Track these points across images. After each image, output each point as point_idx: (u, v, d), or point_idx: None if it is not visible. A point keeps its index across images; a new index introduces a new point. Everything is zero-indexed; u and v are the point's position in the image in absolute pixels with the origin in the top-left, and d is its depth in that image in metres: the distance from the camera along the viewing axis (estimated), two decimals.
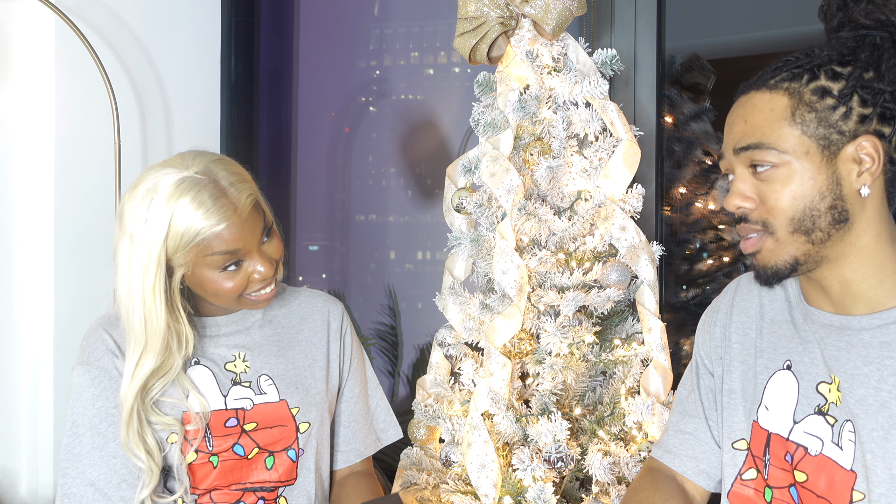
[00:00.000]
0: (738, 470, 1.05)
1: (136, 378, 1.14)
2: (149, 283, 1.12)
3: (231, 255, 1.13)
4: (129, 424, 1.14)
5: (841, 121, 0.90)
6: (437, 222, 2.51)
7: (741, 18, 2.61)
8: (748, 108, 0.96)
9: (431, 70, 2.61)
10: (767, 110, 0.93)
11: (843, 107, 0.90)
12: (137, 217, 1.11)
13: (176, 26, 2.22)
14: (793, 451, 0.97)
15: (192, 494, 1.20)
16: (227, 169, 1.15)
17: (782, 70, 0.94)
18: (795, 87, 0.92)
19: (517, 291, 1.41)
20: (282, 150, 2.70)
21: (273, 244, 1.19)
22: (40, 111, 1.89)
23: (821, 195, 0.91)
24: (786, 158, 0.92)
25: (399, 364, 2.61)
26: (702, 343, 1.17)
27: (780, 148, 0.92)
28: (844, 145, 0.91)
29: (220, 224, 1.10)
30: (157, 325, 1.13)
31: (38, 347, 1.89)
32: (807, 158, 0.91)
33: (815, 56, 0.93)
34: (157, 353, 1.14)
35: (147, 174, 1.14)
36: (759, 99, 0.94)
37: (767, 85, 0.94)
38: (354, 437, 1.36)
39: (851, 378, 0.93)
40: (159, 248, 1.10)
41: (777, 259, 0.95)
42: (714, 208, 2.64)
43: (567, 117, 1.53)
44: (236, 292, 1.16)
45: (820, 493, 0.93)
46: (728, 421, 1.07)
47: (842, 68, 0.91)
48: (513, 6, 1.54)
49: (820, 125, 0.91)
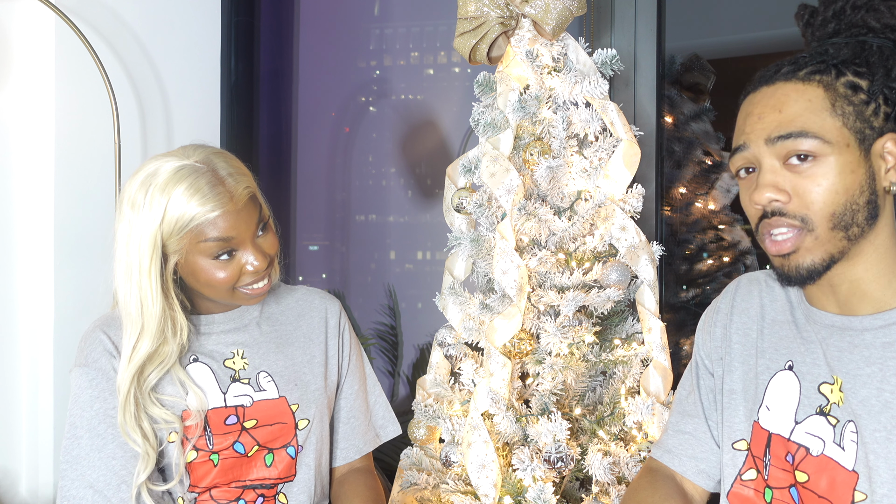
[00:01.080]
0: (738, 470, 1.05)
1: (132, 361, 1.15)
2: (145, 266, 1.13)
3: (224, 242, 1.13)
4: (125, 408, 1.14)
5: (873, 116, 0.89)
6: (437, 222, 2.51)
7: (741, 18, 2.61)
8: (780, 98, 0.91)
9: (431, 70, 2.61)
10: (805, 100, 0.89)
11: (873, 103, 0.89)
12: (136, 201, 1.13)
13: (176, 26, 2.22)
14: (794, 452, 0.97)
15: (192, 493, 1.20)
16: (227, 161, 1.17)
17: (807, 64, 0.91)
18: (828, 81, 0.89)
19: (517, 291, 1.41)
20: (282, 150, 2.70)
21: (268, 239, 1.20)
22: (40, 111, 1.89)
23: (860, 189, 0.89)
24: (828, 150, 0.88)
25: (399, 364, 2.61)
26: (702, 343, 1.17)
27: (826, 137, 0.88)
28: (875, 141, 0.90)
29: (215, 211, 1.11)
30: (153, 309, 1.15)
31: (38, 347, 1.89)
32: (848, 151, 0.89)
33: (832, 55, 0.92)
34: (153, 336, 1.15)
35: (149, 161, 1.16)
36: (792, 89, 0.91)
37: (797, 76, 0.91)
38: (353, 434, 1.37)
39: (854, 379, 0.92)
40: (155, 231, 1.12)
41: (814, 257, 0.91)
42: (714, 208, 2.64)
43: (567, 117, 1.53)
44: (228, 283, 1.17)
45: (821, 494, 0.93)
46: (728, 421, 1.07)
47: (859, 67, 0.91)
48: (513, 6, 1.54)
49: (857, 119, 0.89)
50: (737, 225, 2.65)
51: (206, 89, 2.34)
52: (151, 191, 1.12)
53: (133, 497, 1.14)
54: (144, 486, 1.15)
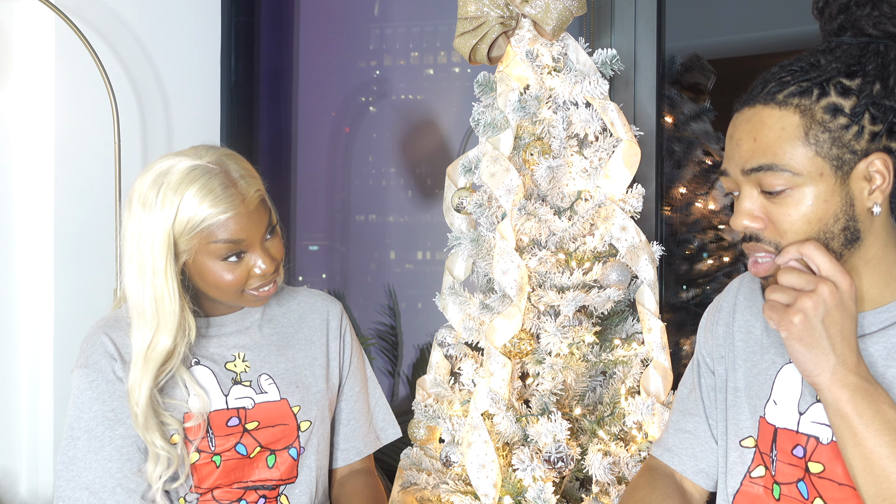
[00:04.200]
0: (747, 468, 1.04)
1: (150, 360, 1.14)
2: (160, 265, 1.12)
3: (234, 244, 1.13)
4: (147, 409, 1.13)
5: (854, 140, 0.88)
6: (437, 222, 2.51)
7: (741, 18, 2.61)
8: (756, 125, 0.91)
9: (431, 70, 2.61)
10: (778, 129, 0.89)
11: (855, 126, 0.87)
12: (147, 199, 1.12)
13: (176, 26, 2.22)
14: (804, 444, 0.97)
15: (194, 493, 1.20)
16: (238, 163, 1.18)
17: (789, 84, 0.90)
18: (806, 105, 0.88)
19: (517, 291, 1.41)
20: (282, 150, 2.71)
21: (276, 243, 1.20)
22: (40, 111, 1.89)
23: (835, 217, 0.89)
24: (799, 181, 0.88)
25: (399, 364, 2.61)
26: (703, 342, 1.17)
27: (795, 170, 0.88)
28: (856, 164, 0.88)
29: (227, 213, 1.11)
30: (170, 308, 1.14)
31: (38, 347, 1.89)
32: (821, 180, 0.88)
33: (820, 68, 0.90)
34: (172, 333, 1.14)
35: (161, 159, 1.16)
36: (768, 115, 0.90)
37: (776, 100, 0.90)
38: (354, 436, 1.37)
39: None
40: (168, 230, 1.11)
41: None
42: (714, 208, 2.64)
43: (567, 117, 1.53)
44: (236, 285, 1.17)
45: (841, 482, 0.93)
46: (734, 419, 1.07)
47: (850, 81, 0.88)
48: (513, 6, 1.54)
49: (833, 145, 0.87)
50: None
51: (206, 89, 2.34)
52: (164, 189, 1.11)
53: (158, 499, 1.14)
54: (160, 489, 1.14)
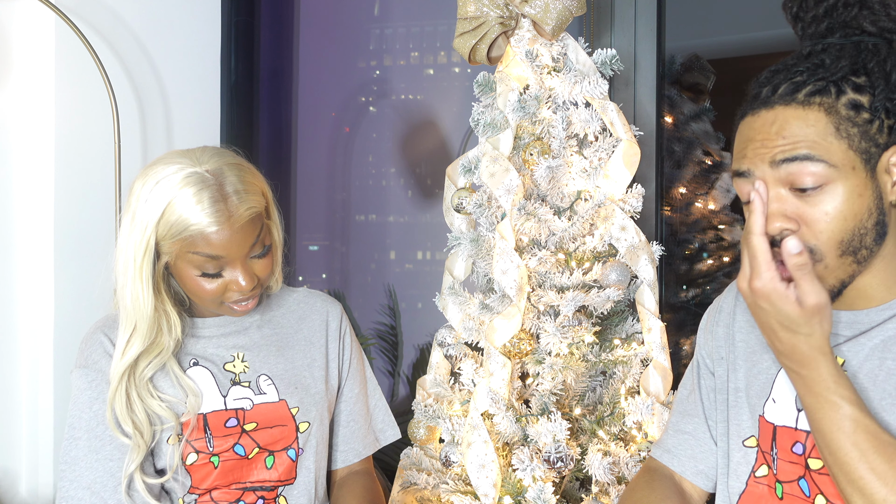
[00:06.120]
0: (752, 468, 1.04)
1: (125, 356, 1.15)
2: (138, 262, 1.13)
3: (213, 259, 1.13)
4: (114, 400, 1.15)
5: (878, 133, 0.87)
6: (437, 222, 2.51)
7: (741, 18, 2.61)
8: (781, 125, 0.88)
9: (431, 70, 2.61)
10: (807, 126, 0.87)
11: (877, 120, 0.87)
12: (141, 196, 1.13)
13: (176, 26, 2.22)
14: (803, 440, 0.97)
15: (192, 494, 1.20)
16: (240, 177, 1.15)
17: (805, 84, 0.89)
18: (829, 103, 0.87)
19: (517, 291, 1.41)
20: (282, 150, 2.71)
21: (263, 263, 1.19)
22: (40, 111, 1.89)
23: (868, 212, 0.88)
24: (834, 175, 0.86)
25: (399, 364, 2.61)
26: (703, 343, 1.17)
27: (831, 161, 0.86)
28: (880, 157, 0.88)
29: (210, 227, 1.11)
30: (144, 309, 1.15)
31: (38, 347, 1.89)
32: (854, 174, 0.87)
33: (828, 67, 0.89)
34: (144, 336, 1.16)
35: (164, 158, 1.16)
36: (793, 115, 0.88)
37: (796, 100, 0.88)
38: (353, 437, 1.37)
39: (855, 355, 0.93)
40: (152, 229, 1.12)
41: (825, 286, 0.88)
42: (714, 208, 2.64)
43: (567, 117, 1.53)
44: (214, 296, 1.17)
45: None
46: (736, 420, 1.07)
47: (858, 79, 0.88)
48: (513, 6, 1.54)
49: (863, 139, 0.87)
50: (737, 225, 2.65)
51: (206, 89, 2.34)
52: (157, 188, 1.12)
53: (124, 488, 1.14)
54: (138, 478, 1.15)
